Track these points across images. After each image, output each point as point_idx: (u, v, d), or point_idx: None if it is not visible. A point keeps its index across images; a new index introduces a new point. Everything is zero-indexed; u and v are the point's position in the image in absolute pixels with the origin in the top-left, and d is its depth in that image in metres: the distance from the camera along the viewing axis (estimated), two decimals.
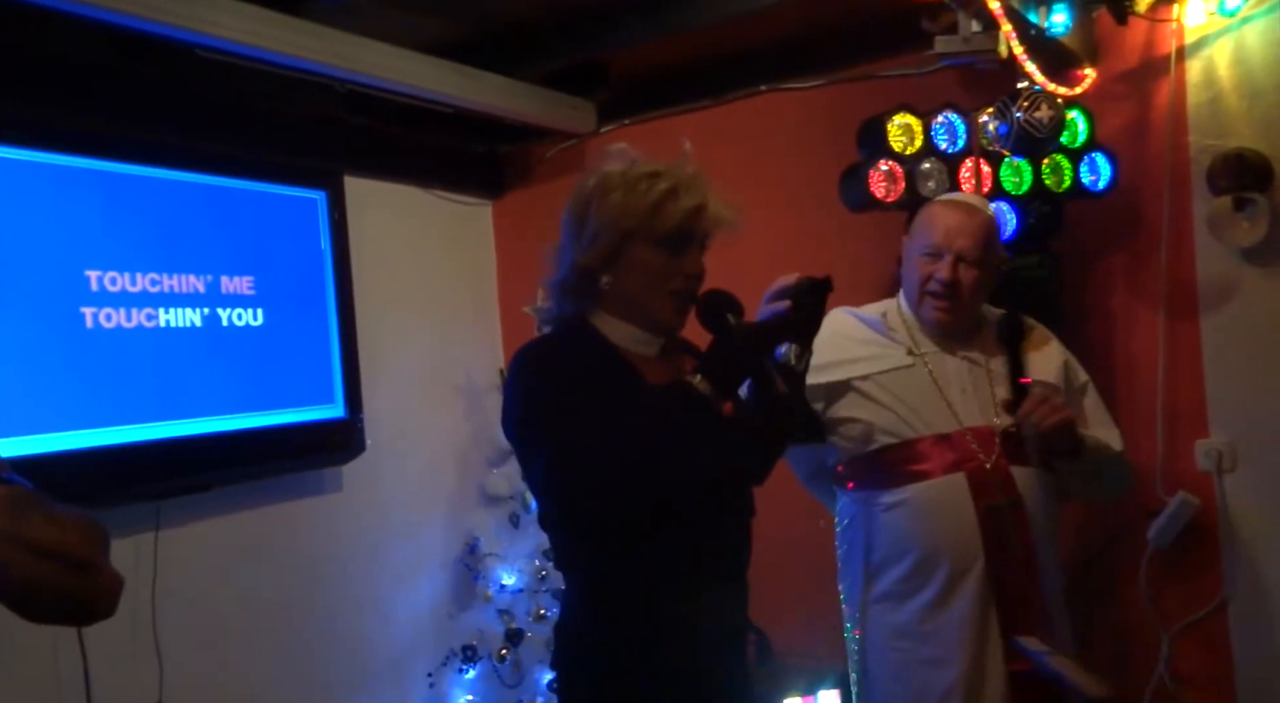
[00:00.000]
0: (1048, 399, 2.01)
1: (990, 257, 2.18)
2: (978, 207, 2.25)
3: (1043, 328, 2.32)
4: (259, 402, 2.87)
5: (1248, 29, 2.64)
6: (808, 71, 3.30)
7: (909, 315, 2.26)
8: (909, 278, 2.23)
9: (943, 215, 2.19)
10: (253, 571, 2.97)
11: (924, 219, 2.23)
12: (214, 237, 2.83)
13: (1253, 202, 2.60)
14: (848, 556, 2.27)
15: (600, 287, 1.62)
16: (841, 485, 2.29)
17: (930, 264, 2.16)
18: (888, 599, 2.17)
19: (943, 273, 2.14)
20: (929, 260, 2.17)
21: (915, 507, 2.12)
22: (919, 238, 2.21)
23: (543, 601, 3.22)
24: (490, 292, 3.97)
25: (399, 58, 2.89)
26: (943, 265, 2.14)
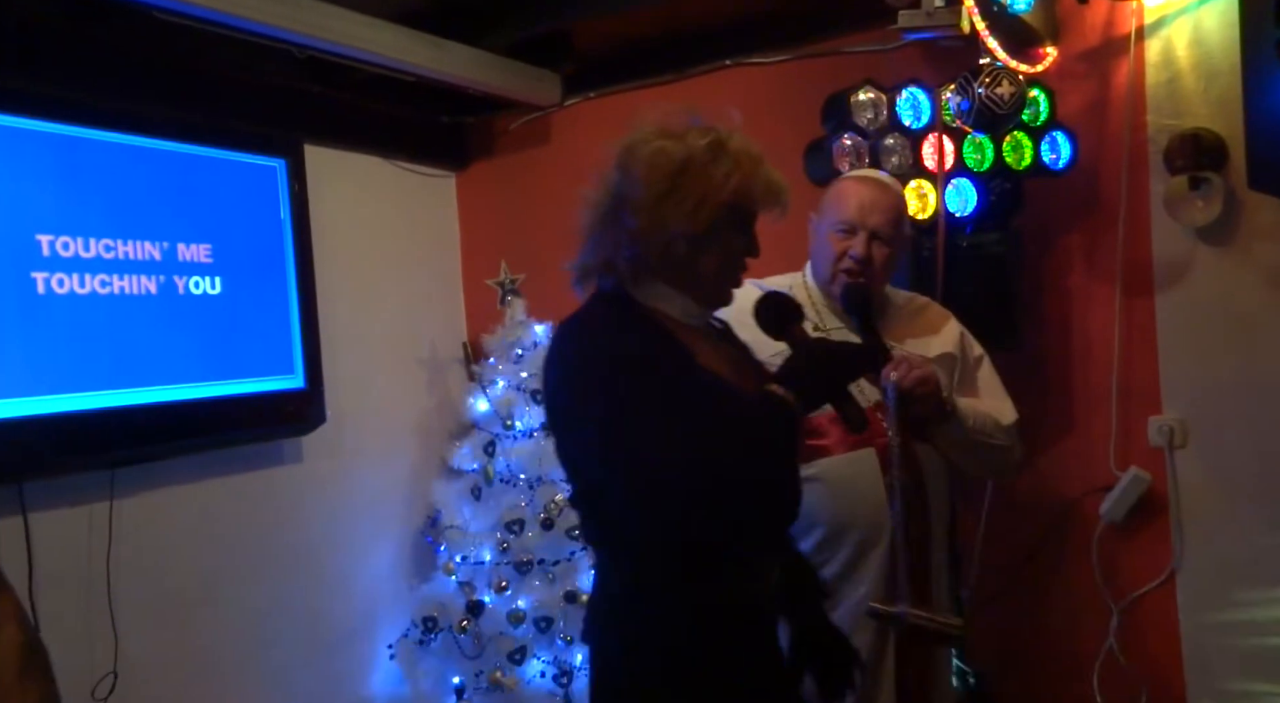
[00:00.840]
0: (904, 360, 1.98)
1: (901, 234, 2.20)
2: (889, 183, 2.25)
3: (938, 305, 2.34)
4: (217, 371, 2.84)
5: (1205, 10, 2.67)
6: (772, 46, 3.30)
7: (815, 290, 2.24)
8: (821, 253, 2.20)
9: (856, 191, 2.19)
10: (210, 541, 2.95)
11: (836, 194, 2.22)
12: (171, 203, 2.78)
13: (1207, 181, 2.64)
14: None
15: (671, 256, 1.54)
16: None
17: (844, 240, 2.15)
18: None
19: (857, 249, 2.13)
20: (842, 236, 2.16)
21: (824, 483, 2.11)
22: (831, 213, 2.19)
23: (504, 573, 3.22)
24: (454, 264, 3.95)
25: (361, 25, 2.85)
26: (857, 242, 2.14)
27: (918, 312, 2.32)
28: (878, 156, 2.64)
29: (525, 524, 3.24)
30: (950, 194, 2.69)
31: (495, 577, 3.22)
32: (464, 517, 3.35)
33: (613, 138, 4.10)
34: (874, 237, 2.14)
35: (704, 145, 1.56)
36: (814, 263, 2.26)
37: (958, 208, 2.70)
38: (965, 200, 2.70)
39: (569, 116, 3.69)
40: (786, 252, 2.13)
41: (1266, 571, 2.65)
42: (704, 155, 1.55)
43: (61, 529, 2.57)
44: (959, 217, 2.70)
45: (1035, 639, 2.92)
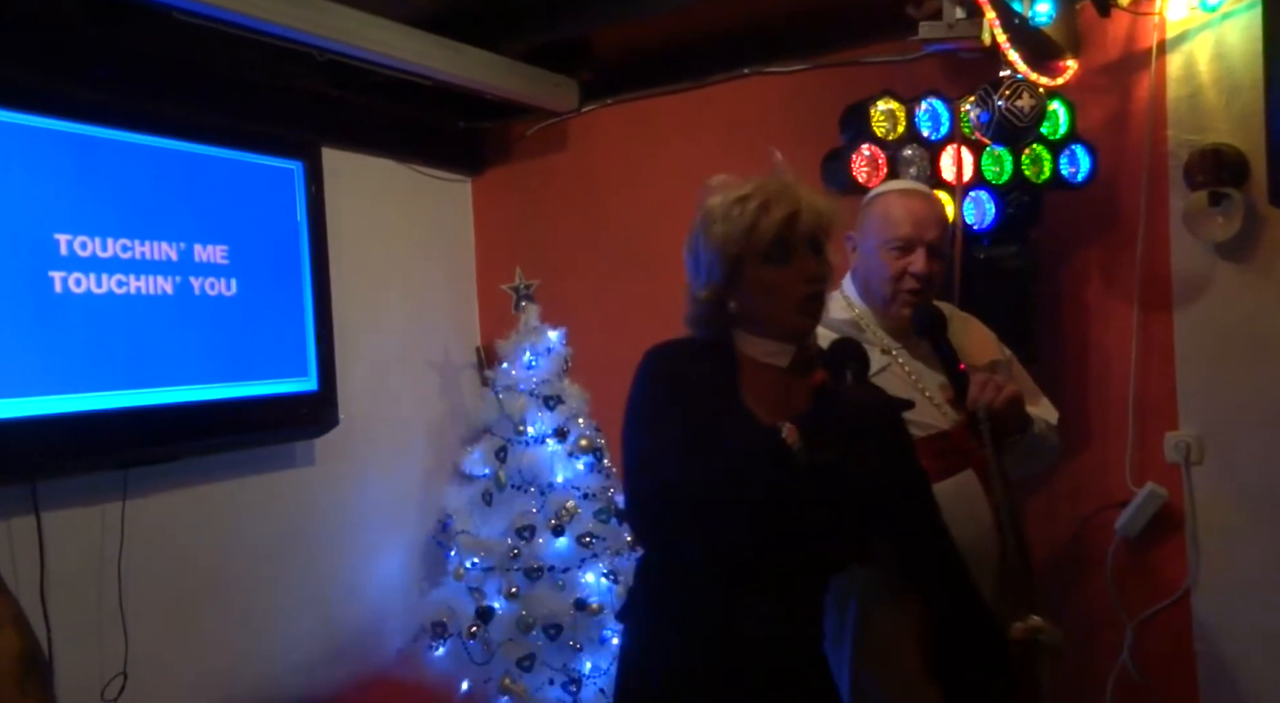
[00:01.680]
0: (990, 381, 1.94)
1: (948, 246, 2.17)
2: (931, 194, 2.21)
3: (962, 312, 2.27)
4: (231, 372, 2.84)
5: (1228, 25, 2.66)
6: (791, 55, 3.29)
7: (864, 310, 2.17)
8: (875, 273, 2.12)
9: (908, 206, 2.11)
10: (222, 543, 2.95)
11: (883, 211, 2.13)
12: (188, 204, 2.79)
13: (1228, 197, 2.62)
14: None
15: (730, 312, 1.67)
16: None
17: (901, 258, 2.08)
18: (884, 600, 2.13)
19: (919, 266, 2.07)
20: (898, 254, 2.08)
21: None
22: (882, 231, 2.11)
23: (514, 579, 3.21)
24: (468, 268, 3.95)
25: (381, 29, 2.86)
26: (917, 258, 2.07)
27: (962, 323, 2.23)
28: (896, 167, 2.63)
29: (536, 530, 3.23)
30: (968, 206, 2.68)
31: (505, 583, 3.21)
32: (475, 522, 3.34)
33: (629, 144, 4.15)
34: (930, 251, 2.08)
35: (717, 203, 1.68)
36: (866, 284, 2.16)
37: (976, 220, 2.69)
38: (983, 213, 2.69)
39: (586, 123, 3.69)
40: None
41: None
42: (715, 213, 1.67)
43: (74, 529, 2.57)
44: (977, 229, 2.69)
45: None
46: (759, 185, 1.66)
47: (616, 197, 3.66)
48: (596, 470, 3.36)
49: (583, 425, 3.39)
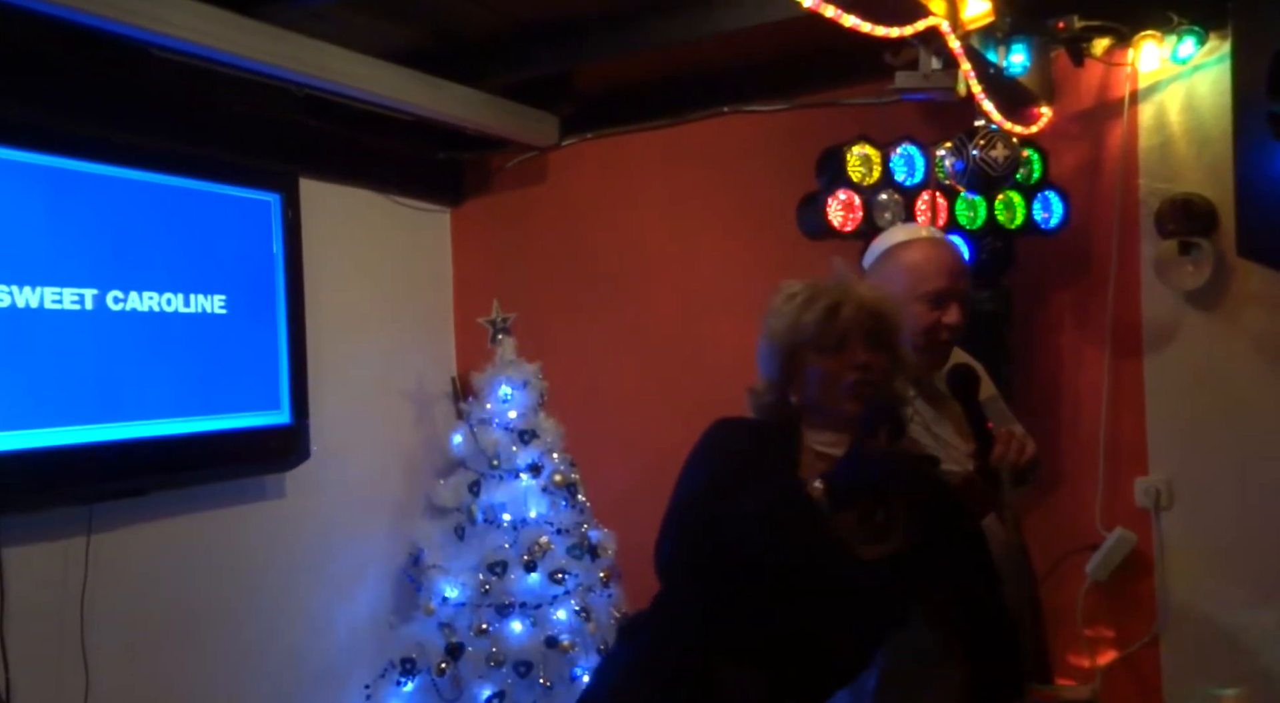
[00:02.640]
0: (1014, 439, 1.87)
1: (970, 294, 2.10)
2: (953, 243, 2.16)
3: (956, 348, 2.19)
4: (202, 406, 2.81)
5: (1199, 77, 2.71)
6: (770, 95, 3.32)
7: None
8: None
9: (938, 257, 2.07)
10: (188, 578, 2.91)
11: (916, 262, 2.07)
12: (163, 237, 2.77)
13: (1198, 246, 2.66)
14: None
15: (792, 404, 1.75)
16: None
17: (935, 311, 2.02)
18: None
19: (953, 318, 2.02)
20: (931, 307, 2.02)
21: None
22: (916, 282, 2.04)
23: (485, 615, 3.19)
24: (446, 300, 3.93)
25: (360, 64, 2.86)
26: (952, 312, 2.02)
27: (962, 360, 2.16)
28: (871, 212, 2.65)
29: (508, 566, 3.21)
30: None
31: (476, 619, 3.18)
32: (447, 556, 3.32)
33: (608, 179, 4.16)
34: (962, 304, 2.03)
35: (775, 301, 1.78)
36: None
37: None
38: None
39: (566, 157, 3.70)
40: None
41: (1250, 634, 2.64)
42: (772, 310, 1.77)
43: (36, 565, 2.53)
44: None
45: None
46: (812, 283, 1.76)
47: (595, 231, 3.67)
48: (570, 506, 3.35)
49: (557, 460, 3.37)
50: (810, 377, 1.70)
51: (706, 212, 3.46)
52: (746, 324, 3.45)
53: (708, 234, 3.47)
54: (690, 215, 3.50)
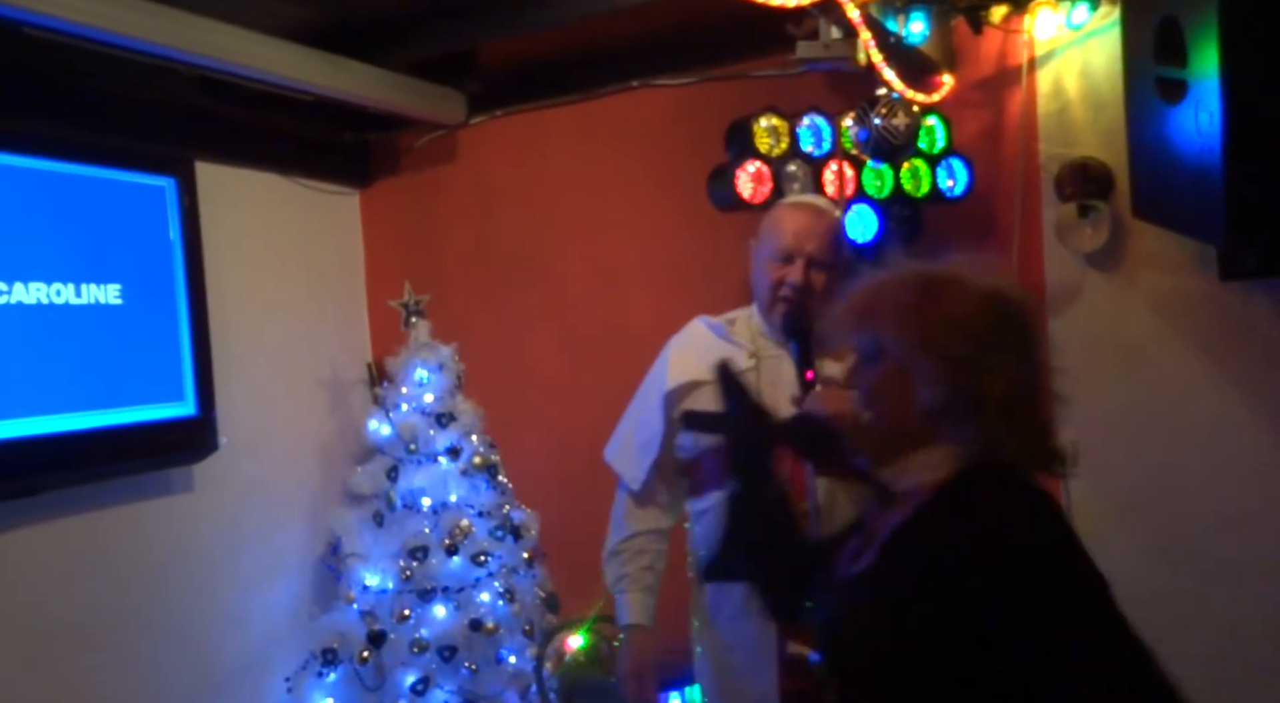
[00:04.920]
0: (830, 396, 1.86)
1: (839, 258, 2.19)
2: (825, 208, 2.25)
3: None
4: (98, 400, 2.72)
5: (1092, 43, 2.75)
6: (678, 68, 3.30)
7: (758, 320, 2.25)
8: (760, 282, 2.22)
9: (792, 218, 2.20)
10: (91, 578, 2.81)
11: (771, 223, 2.22)
12: (51, 226, 2.66)
13: (1096, 209, 2.72)
14: (691, 562, 2.29)
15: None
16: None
17: (781, 268, 2.15)
18: (707, 607, 2.19)
19: (795, 277, 2.13)
20: (780, 265, 2.16)
21: (711, 517, 2.12)
22: (768, 242, 2.20)
23: (407, 601, 3.15)
24: (357, 284, 3.86)
25: (252, 42, 2.77)
26: (794, 269, 2.13)
27: None
28: (780, 183, 2.65)
29: (429, 551, 3.17)
30: (851, 221, 2.71)
31: (397, 606, 3.14)
32: (365, 544, 3.26)
33: (520, 156, 4.12)
34: (811, 263, 2.13)
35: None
36: (756, 292, 2.25)
37: (858, 234, 2.72)
38: (865, 227, 2.73)
39: (475, 135, 3.64)
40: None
41: (1155, 591, 2.72)
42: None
43: None
44: (860, 243, 2.72)
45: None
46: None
47: (508, 209, 3.63)
48: (491, 488, 3.32)
49: (476, 442, 3.34)
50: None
51: (619, 187, 3.44)
52: (662, 299, 3.47)
53: (621, 209, 3.45)
54: (603, 191, 3.47)
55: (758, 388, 2.08)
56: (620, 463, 2.33)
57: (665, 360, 2.33)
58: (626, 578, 2.27)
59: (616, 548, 2.31)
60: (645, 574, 2.27)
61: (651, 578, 2.28)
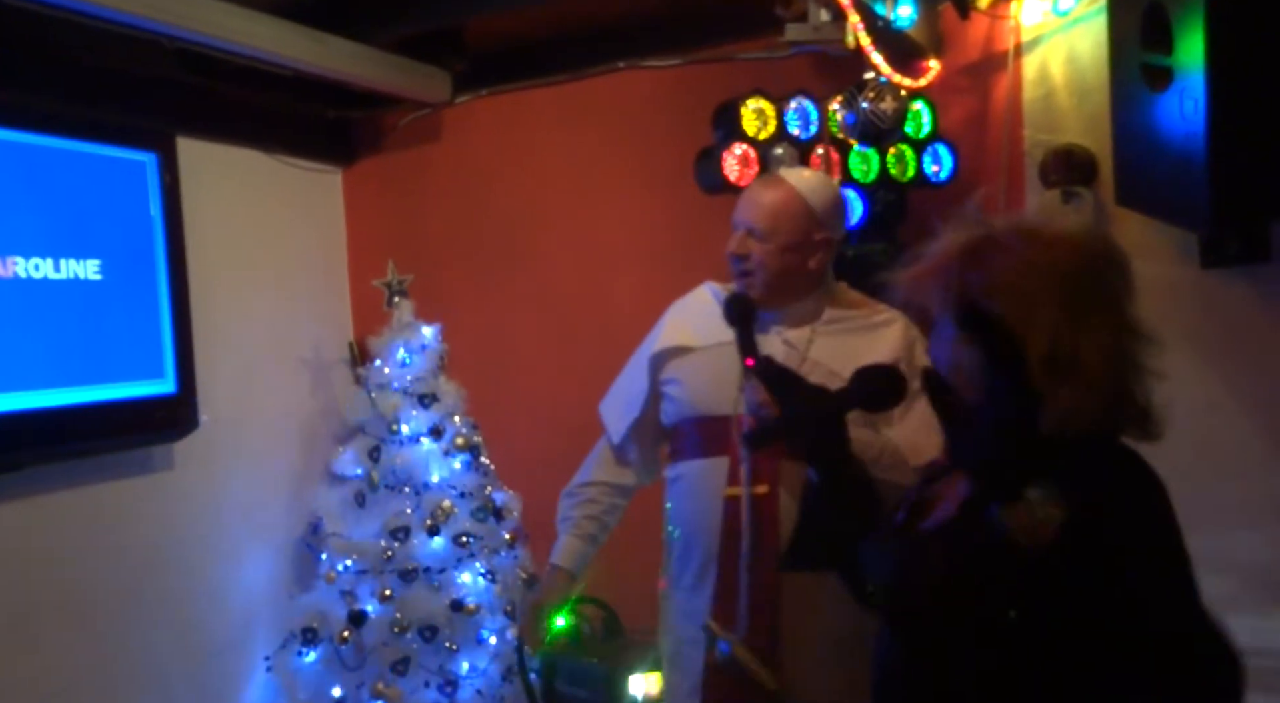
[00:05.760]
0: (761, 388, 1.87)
1: (785, 231, 2.08)
2: (785, 180, 2.16)
3: (902, 322, 2.16)
4: (77, 376, 2.69)
5: (1078, 30, 2.76)
6: (666, 50, 3.29)
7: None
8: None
9: (748, 191, 2.19)
10: (71, 555, 2.80)
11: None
12: (27, 198, 2.62)
13: (1079, 195, 2.73)
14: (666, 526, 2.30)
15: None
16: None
17: (732, 236, 2.14)
18: (672, 577, 2.21)
19: (731, 246, 2.12)
20: (733, 232, 2.15)
21: (684, 485, 2.15)
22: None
23: (388, 581, 3.14)
24: (340, 262, 3.84)
25: (235, 16, 2.73)
26: (735, 239, 2.12)
27: (869, 328, 2.14)
28: (767, 166, 2.65)
29: (411, 531, 3.17)
30: None
31: (378, 585, 3.14)
32: (347, 524, 3.26)
33: (505, 136, 4.09)
34: (750, 233, 2.09)
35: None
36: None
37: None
38: (851, 211, 2.73)
39: (460, 114, 3.62)
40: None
41: None
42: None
43: None
44: (846, 227, 2.72)
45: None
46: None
47: (492, 189, 3.61)
48: (473, 468, 3.31)
49: (459, 423, 3.33)
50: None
51: (605, 168, 3.43)
52: (647, 280, 3.45)
53: (606, 190, 3.44)
54: (589, 172, 3.46)
55: (717, 366, 2.11)
56: (608, 415, 2.35)
57: (663, 322, 2.32)
58: (569, 521, 2.31)
59: (573, 490, 2.34)
60: (587, 522, 2.30)
61: (593, 527, 2.31)
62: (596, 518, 2.30)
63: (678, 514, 2.17)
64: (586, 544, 2.30)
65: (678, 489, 2.18)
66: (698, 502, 2.11)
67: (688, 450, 2.16)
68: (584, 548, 2.30)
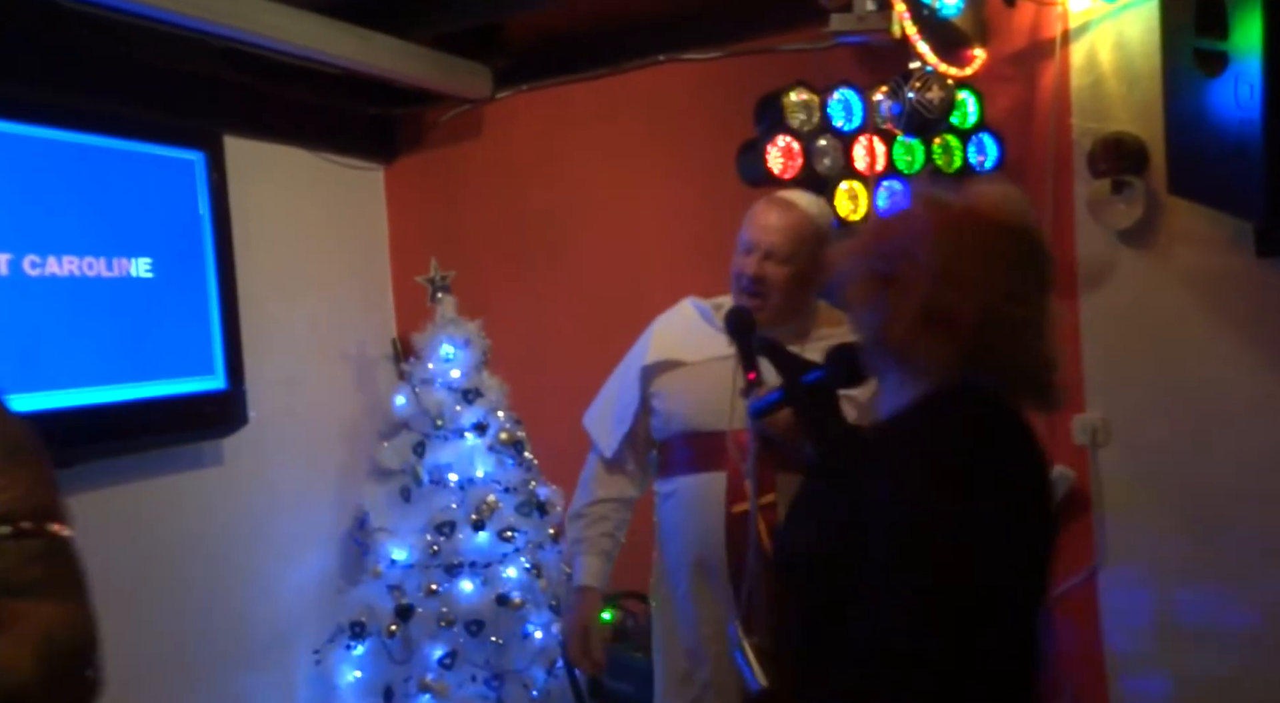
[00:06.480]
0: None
1: (803, 254, 2.12)
2: (796, 203, 2.20)
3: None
4: (129, 373, 2.73)
5: (1128, 16, 2.71)
6: (707, 43, 3.27)
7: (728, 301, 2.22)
8: (732, 273, 2.21)
9: (760, 212, 2.18)
10: (123, 550, 2.84)
11: (748, 214, 2.22)
12: (82, 198, 2.67)
13: (1130, 185, 2.68)
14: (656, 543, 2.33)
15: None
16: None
17: (742, 259, 2.15)
18: (663, 587, 2.24)
19: (749, 268, 2.12)
20: (742, 255, 2.15)
21: (678, 501, 2.17)
22: (740, 234, 2.20)
23: (434, 576, 3.16)
24: (382, 259, 3.87)
25: (282, 15, 2.76)
26: (750, 260, 2.13)
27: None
28: (810, 158, 2.64)
29: (456, 526, 3.19)
30: (881, 196, 2.70)
31: (425, 580, 3.16)
32: (393, 519, 3.29)
33: (545, 131, 4.10)
34: (768, 256, 2.12)
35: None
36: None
37: (889, 210, 2.71)
38: (897, 204, 2.71)
39: (501, 110, 3.63)
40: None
41: (1185, 566, 2.71)
42: None
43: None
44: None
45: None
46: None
47: (533, 185, 3.62)
48: (517, 464, 3.33)
49: (502, 418, 3.35)
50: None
51: (644, 162, 3.43)
52: (687, 274, 3.45)
53: (646, 185, 3.44)
54: (628, 166, 3.46)
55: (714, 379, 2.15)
56: (596, 429, 2.39)
57: (648, 336, 2.36)
58: (584, 541, 2.33)
59: (580, 511, 2.37)
60: (603, 540, 2.33)
61: (609, 544, 2.34)
62: (610, 535, 2.34)
63: (672, 529, 2.20)
64: (605, 562, 2.34)
65: (671, 505, 2.21)
66: (695, 516, 2.13)
67: (680, 466, 2.20)
68: (605, 566, 2.34)
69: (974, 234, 1.34)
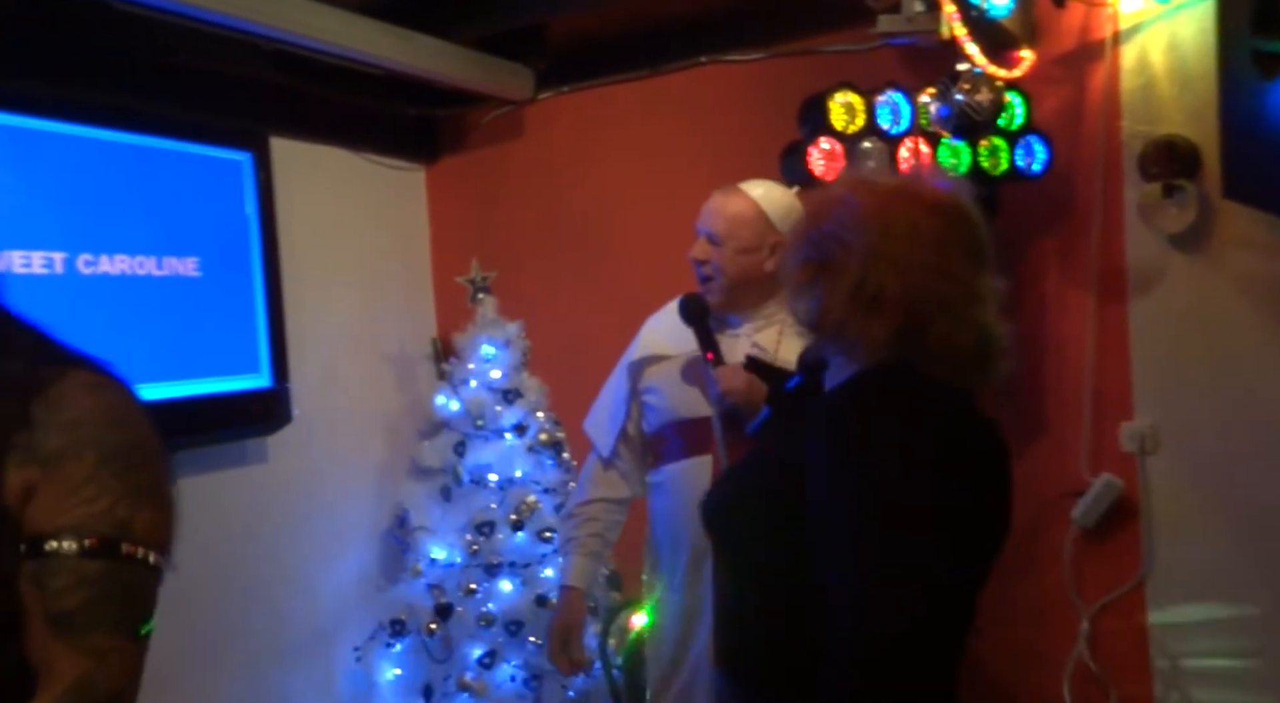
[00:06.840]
0: (738, 373, 2.04)
1: (744, 238, 2.19)
2: (745, 191, 2.26)
3: None
4: (178, 370, 2.77)
5: (1181, 17, 2.66)
6: (749, 44, 3.26)
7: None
8: None
9: (710, 200, 2.26)
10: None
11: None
12: (130, 198, 2.71)
13: (1182, 189, 2.64)
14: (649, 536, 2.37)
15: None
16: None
17: (693, 246, 2.24)
18: (654, 575, 2.28)
19: (694, 252, 2.22)
20: (695, 243, 2.24)
21: (665, 488, 2.22)
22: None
23: (474, 575, 3.18)
24: (424, 259, 3.89)
25: (327, 16, 2.78)
26: (696, 246, 2.22)
27: None
28: (853, 160, 2.61)
29: (495, 526, 3.20)
30: None
31: (464, 579, 3.18)
32: (433, 518, 3.30)
33: (587, 133, 4.11)
34: (709, 240, 2.20)
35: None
36: None
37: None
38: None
39: (542, 111, 3.64)
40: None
41: (1235, 578, 2.66)
42: None
43: None
44: None
45: (1004, 644, 2.92)
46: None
47: (574, 186, 3.62)
48: (556, 465, 3.33)
49: (542, 419, 3.36)
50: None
51: (686, 163, 3.42)
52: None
53: (688, 186, 3.39)
54: (670, 168, 3.45)
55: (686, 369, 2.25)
56: (594, 431, 2.44)
57: (640, 334, 2.42)
58: (573, 541, 2.37)
59: (572, 511, 2.41)
60: (592, 540, 2.36)
61: (597, 544, 2.37)
62: (600, 536, 2.38)
63: (663, 515, 2.25)
64: (594, 562, 2.38)
65: (662, 491, 2.25)
66: (681, 500, 2.16)
67: (671, 454, 2.25)
68: (592, 567, 2.39)
69: (901, 213, 1.35)
